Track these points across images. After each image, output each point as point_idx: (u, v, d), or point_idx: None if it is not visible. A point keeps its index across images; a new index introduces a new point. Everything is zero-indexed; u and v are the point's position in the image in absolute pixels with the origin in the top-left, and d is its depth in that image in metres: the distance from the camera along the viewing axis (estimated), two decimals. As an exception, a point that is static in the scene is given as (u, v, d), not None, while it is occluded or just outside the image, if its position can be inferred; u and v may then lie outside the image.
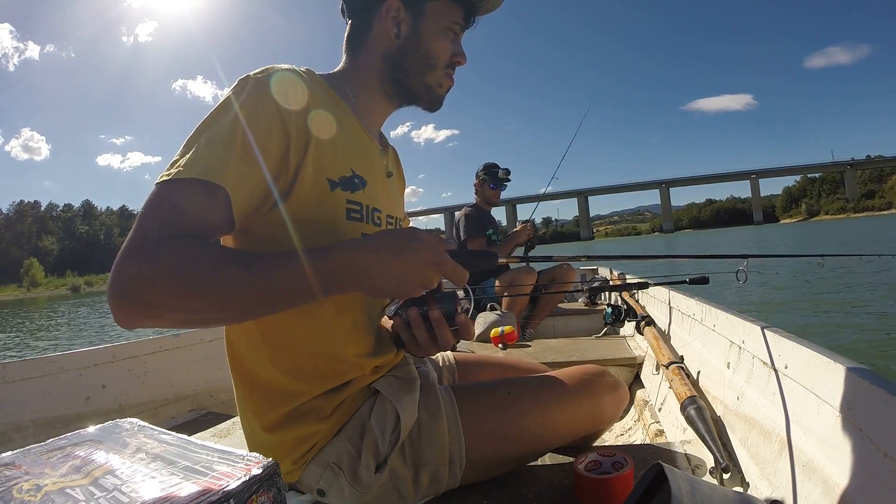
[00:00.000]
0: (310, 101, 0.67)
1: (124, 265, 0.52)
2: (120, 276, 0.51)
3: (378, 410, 0.74)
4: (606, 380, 0.90)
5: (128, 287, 0.51)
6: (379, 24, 0.76)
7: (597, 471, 0.75)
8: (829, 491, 0.59)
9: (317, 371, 0.72)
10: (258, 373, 0.73)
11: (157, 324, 0.54)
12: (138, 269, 0.52)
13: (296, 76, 0.68)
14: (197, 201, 0.58)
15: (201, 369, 1.71)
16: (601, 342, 2.08)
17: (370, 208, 0.75)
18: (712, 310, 1.23)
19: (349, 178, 0.71)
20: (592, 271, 3.90)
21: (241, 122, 0.61)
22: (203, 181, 0.57)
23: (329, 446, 0.73)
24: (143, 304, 0.52)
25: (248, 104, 0.62)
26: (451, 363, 1.03)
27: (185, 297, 0.53)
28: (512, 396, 0.82)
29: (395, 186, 0.89)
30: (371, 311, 0.78)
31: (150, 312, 0.52)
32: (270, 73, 0.66)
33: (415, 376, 0.81)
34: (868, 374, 0.58)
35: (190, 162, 0.58)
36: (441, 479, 0.76)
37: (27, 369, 1.35)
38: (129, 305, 0.52)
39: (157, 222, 0.55)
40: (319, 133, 0.67)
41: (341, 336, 0.73)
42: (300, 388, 0.72)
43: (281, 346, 0.72)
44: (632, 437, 1.49)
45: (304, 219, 0.67)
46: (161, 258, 0.52)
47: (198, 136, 0.61)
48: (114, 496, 0.50)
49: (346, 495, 0.71)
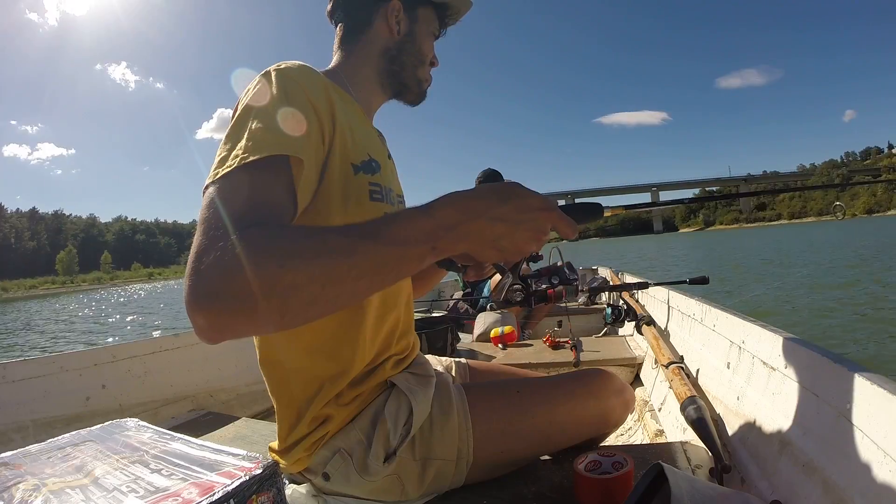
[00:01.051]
0: (329, 90, 0.70)
1: (196, 265, 0.45)
2: (197, 278, 0.44)
3: (392, 402, 0.76)
4: (614, 383, 0.92)
5: (210, 283, 0.44)
6: (381, 22, 0.83)
7: (597, 471, 0.75)
8: (829, 491, 0.59)
9: (345, 358, 0.74)
10: (295, 365, 0.75)
11: (250, 323, 0.46)
12: (216, 262, 0.44)
13: (310, 68, 0.71)
14: (269, 183, 0.55)
15: (201, 369, 1.71)
16: (601, 342, 2.08)
17: (387, 188, 0.79)
18: (712, 310, 1.23)
19: (368, 161, 0.75)
20: (592, 271, 3.90)
21: (285, 104, 0.61)
22: (274, 158, 0.56)
23: (341, 433, 0.74)
24: (228, 299, 0.43)
25: (280, 92, 0.63)
26: (465, 370, 1.05)
27: (279, 274, 0.44)
28: (521, 395, 0.84)
29: (394, 168, 0.94)
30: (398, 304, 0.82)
31: (238, 307, 0.44)
32: (290, 65, 0.68)
33: (431, 374, 0.84)
34: (868, 374, 0.58)
35: (249, 148, 0.55)
36: (446, 475, 0.77)
37: (27, 369, 1.35)
38: (212, 304, 0.44)
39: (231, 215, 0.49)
40: (340, 120, 0.69)
41: (368, 328, 0.75)
42: (337, 373, 0.74)
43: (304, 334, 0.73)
44: (632, 437, 1.49)
45: (336, 202, 0.70)
46: (243, 240, 0.46)
47: (242, 128, 0.58)
48: (114, 496, 0.50)
49: (352, 482, 0.73)
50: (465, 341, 2.37)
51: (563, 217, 0.56)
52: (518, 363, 1.78)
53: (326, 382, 0.74)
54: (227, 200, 0.51)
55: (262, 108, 0.61)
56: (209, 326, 0.45)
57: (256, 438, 1.29)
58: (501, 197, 0.52)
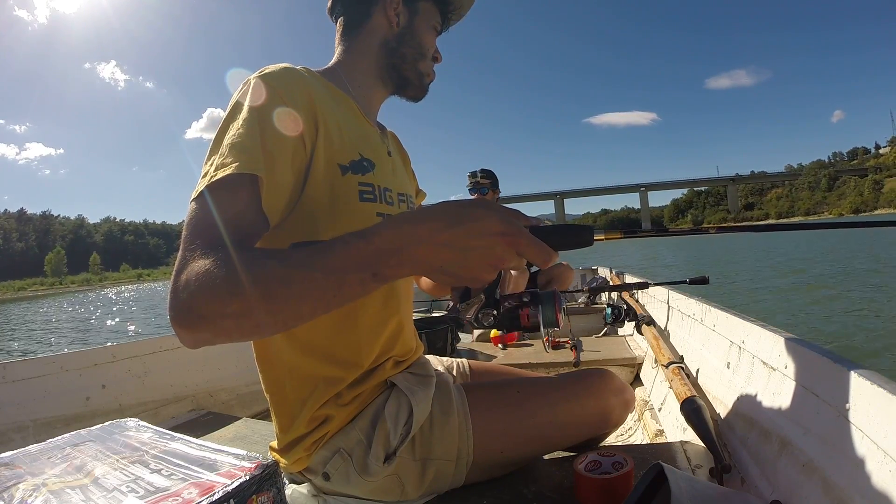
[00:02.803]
0: (312, 92, 0.69)
1: (175, 284, 0.51)
2: (174, 296, 0.50)
3: (392, 403, 0.76)
4: (614, 383, 0.92)
5: (181, 303, 0.49)
6: (379, 14, 0.83)
7: (597, 471, 0.75)
8: (828, 491, 0.59)
9: (343, 361, 0.74)
10: (292, 365, 0.75)
11: (215, 336, 0.50)
12: (186, 284, 0.50)
13: (293, 71, 0.70)
14: (233, 202, 0.57)
15: (201, 369, 1.71)
16: (601, 342, 2.08)
17: (381, 188, 0.78)
18: (712, 310, 1.23)
19: (358, 161, 0.74)
20: (592, 271, 3.90)
21: (256, 117, 0.62)
22: (238, 175, 0.58)
23: (341, 433, 0.74)
24: (194, 318, 0.49)
25: (257, 100, 0.64)
26: (465, 370, 1.05)
27: (228, 301, 0.49)
28: (521, 395, 0.83)
29: (399, 163, 0.92)
30: (399, 307, 0.81)
31: (204, 325, 0.49)
32: (271, 71, 0.68)
33: (432, 374, 0.84)
34: (868, 374, 0.58)
35: (218, 165, 0.59)
36: (446, 475, 0.77)
37: (27, 369, 1.35)
38: (184, 321, 0.49)
39: (198, 236, 0.54)
40: (325, 121, 0.69)
41: (365, 331, 0.75)
42: (336, 375, 0.74)
43: (304, 335, 0.74)
44: (632, 437, 1.49)
45: (322, 204, 0.69)
46: (200, 268, 0.50)
47: (219, 144, 0.62)
48: (114, 496, 0.50)
49: (351, 482, 0.73)
50: (465, 341, 2.37)
51: (533, 243, 0.49)
52: (518, 363, 1.78)
53: (321, 383, 0.74)
54: (198, 220, 0.55)
55: (237, 122, 0.62)
56: (183, 338, 0.51)
57: (256, 438, 1.29)
58: (452, 220, 0.48)
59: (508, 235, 0.48)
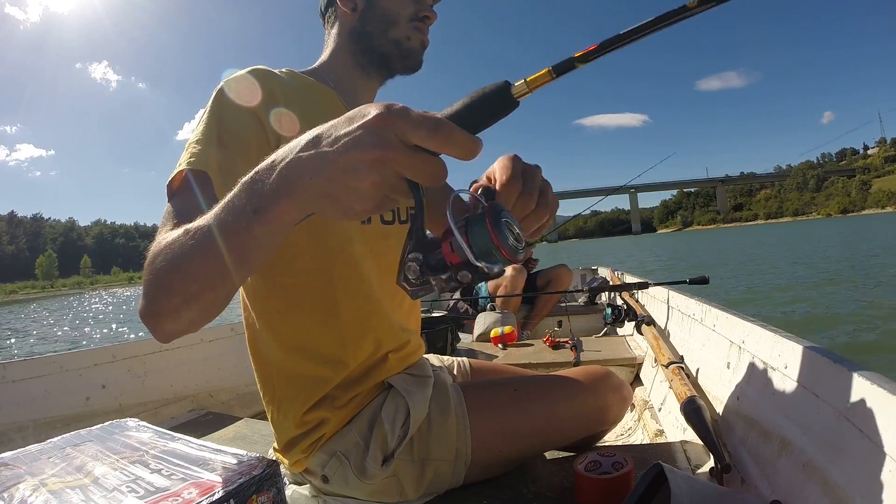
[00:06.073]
0: (277, 93, 0.71)
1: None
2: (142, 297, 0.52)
3: (389, 404, 0.76)
4: (612, 380, 0.92)
5: (142, 305, 0.51)
6: (341, 6, 0.83)
7: (597, 471, 0.75)
8: (829, 491, 0.59)
9: (328, 358, 0.74)
10: (277, 363, 0.75)
11: (178, 326, 0.50)
12: (143, 285, 0.51)
13: (257, 71, 0.72)
14: (186, 200, 0.59)
15: (201, 369, 1.71)
16: (601, 342, 2.08)
17: None
18: (712, 310, 1.23)
19: None
20: (592, 271, 3.90)
21: (215, 120, 0.66)
22: (190, 172, 0.61)
23: (338, 436, 0.74)
24: (154, 314, 0.50)
25: (218, 105, 0.67)
26: (466, 369, 1.05)
27: (167, 289, 0.48)
28: (519, 394, 0.83)
29: None
30: (392, 305, 0.81)
31: (165, 319, 0.50)
32: (234, 76, 0.71)
33: (429, 374, 0.83)
34: (868, 374, 0.58)
35: (176, 168, 0.62)
36: (445, 475, 0.77)
37: (27, 369, 1.35)
38: (149, 319, 0.51)
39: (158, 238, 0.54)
40: (290, 115, 0.70)
41: (348, 328, 0.75)
42: (323, 375, 0.74)
43: (286, 331, 0.74)
44: (632, 437, 1.49)
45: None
46: (148, 268, 0.51)
47: (185, 149, 0.65)
48: (114, 496, 0.50)
49: (350, 485, 0.73)
50: (465, 341, 2.37)
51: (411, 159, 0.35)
52: (518, 363, 1.78)
53: (308, 383, 0.73)
54: (162, 222, 0.58)
55: (199, 131, 0.65)
56: (155, 335, 0.52)
57: (256, 438, 1.29)
58: (318, 138, 0.38)
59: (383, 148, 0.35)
